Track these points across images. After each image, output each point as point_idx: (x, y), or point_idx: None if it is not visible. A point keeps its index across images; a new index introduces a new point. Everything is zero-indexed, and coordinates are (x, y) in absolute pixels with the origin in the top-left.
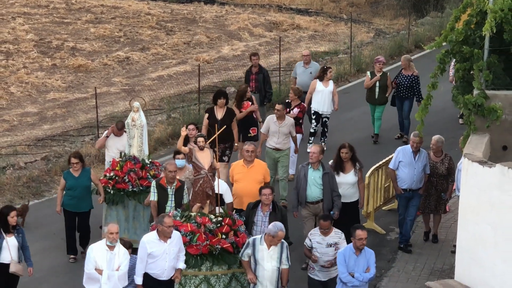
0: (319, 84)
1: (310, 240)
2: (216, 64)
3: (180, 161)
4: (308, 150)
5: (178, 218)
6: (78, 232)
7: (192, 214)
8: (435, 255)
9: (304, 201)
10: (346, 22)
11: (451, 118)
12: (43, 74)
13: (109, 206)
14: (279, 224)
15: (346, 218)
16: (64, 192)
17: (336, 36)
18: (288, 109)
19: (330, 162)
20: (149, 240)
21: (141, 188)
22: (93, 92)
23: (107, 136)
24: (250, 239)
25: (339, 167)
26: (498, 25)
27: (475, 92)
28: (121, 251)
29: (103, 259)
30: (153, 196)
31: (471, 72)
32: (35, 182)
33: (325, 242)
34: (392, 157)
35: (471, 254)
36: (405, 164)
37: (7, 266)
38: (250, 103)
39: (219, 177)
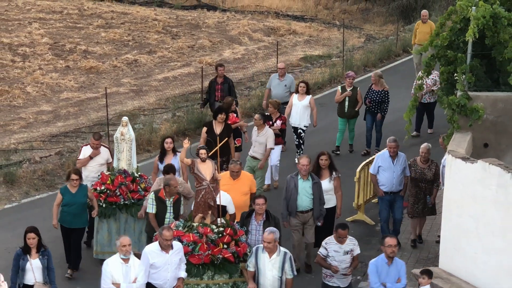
0: (294, 98)
1: (325, 249)
2: None
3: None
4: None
5: (180, 228)
6: (71, 248)
7: (194, 224)
8: (420, 245)
9: (295, 211)
10: (339, 28)
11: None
12: (57, 75)
13: (101, 219)
14: (271, 228)
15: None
16: (60, 207)
17: (329, 41)
18: (270, 122)
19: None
20: (151, 251)
21: (132, 201)
22: (103, 92)
23: (91, 157)
24: (254, 248)
25: (317, 174)
26: (480, 31)
27: (459, 93)
28: (136, 263)
29: (119, 272)
30: (151, 209)
31: (455, 74)
32: (49, 175)
33: (342, 250)
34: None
35: (455, 244)
36: (384, 168)
37: (31, 287)
38: (235, 115)
39: (220, 189)
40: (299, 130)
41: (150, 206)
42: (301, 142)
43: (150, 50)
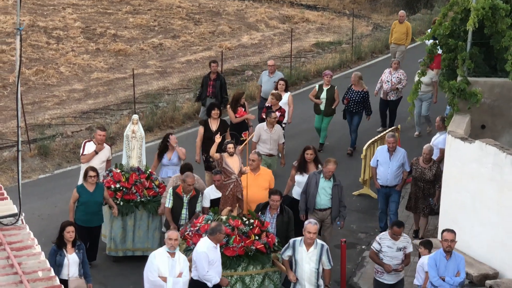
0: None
1: (379, 244)
2: (236, 51)
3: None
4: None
5: (210, 221)
6: (90, 244)
7: (223, 217)
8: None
9: (313, 208)
10: (349, 17)
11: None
12: (88, 57)
13: (115, 217)
14: (312, 220)
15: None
16: (76, 206)
17: (339, 29)
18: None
19: (294, 162)
20: (209, 248)
21: (148, 198)
22: (131, 73)
23: (96, 152)
24: (291, 241)
25: (303, 167)
26: (479, 21)
27: (459, 78)
28: (181, 258)
29: (165, 266)
30: (168, 203)
31: (456, 61)
32: (79, 149)
33: (395, 247)
34: (387, 132)
35: (453, 218)
36: (381, 162)
37: (66, 281)
38: (243, 109)
39: (245, 184)
40: None
41: (167, 200)
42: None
43: (174, 35)
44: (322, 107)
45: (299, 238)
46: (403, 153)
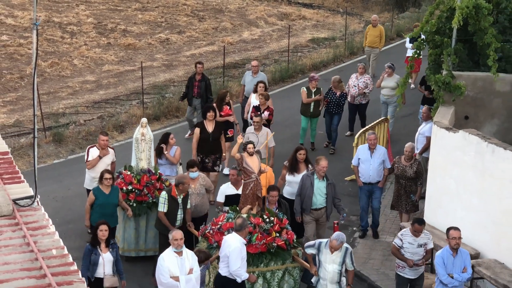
0: (252, 97)
1: (401, 240)
2: (237, 46)
3: (194, 174)
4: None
5: (231, 220)
6: None
7: (244, 215)
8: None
9: (309, 208)
10: (342, 15)
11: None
12: (100, 50)
13: (128, 218)
14: (341, 237)
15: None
16: (92, 208)
17: (334, 26)
18: (259, 113)
19: (285, 162)
20: (242, 243)
21: None
22: (139, 66)
23: (100, 157)
24: (317, 242)
25: (294, 168)
26: (464, 19)
27: (444, 72)
28: (189, 254)
29: (175, 265)
30: (162, 207)
31: (441, 56)
32: (92, 136)
33: (416, 243)
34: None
35: (438, 202)
36: (363, 160)
37: (102, 279)
38: (228, 107)
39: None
40: None
41: (162, 205)
42: None
43: (180, 31)
44: (311, 108)
45: (324, 240)
46: (383, 150)
